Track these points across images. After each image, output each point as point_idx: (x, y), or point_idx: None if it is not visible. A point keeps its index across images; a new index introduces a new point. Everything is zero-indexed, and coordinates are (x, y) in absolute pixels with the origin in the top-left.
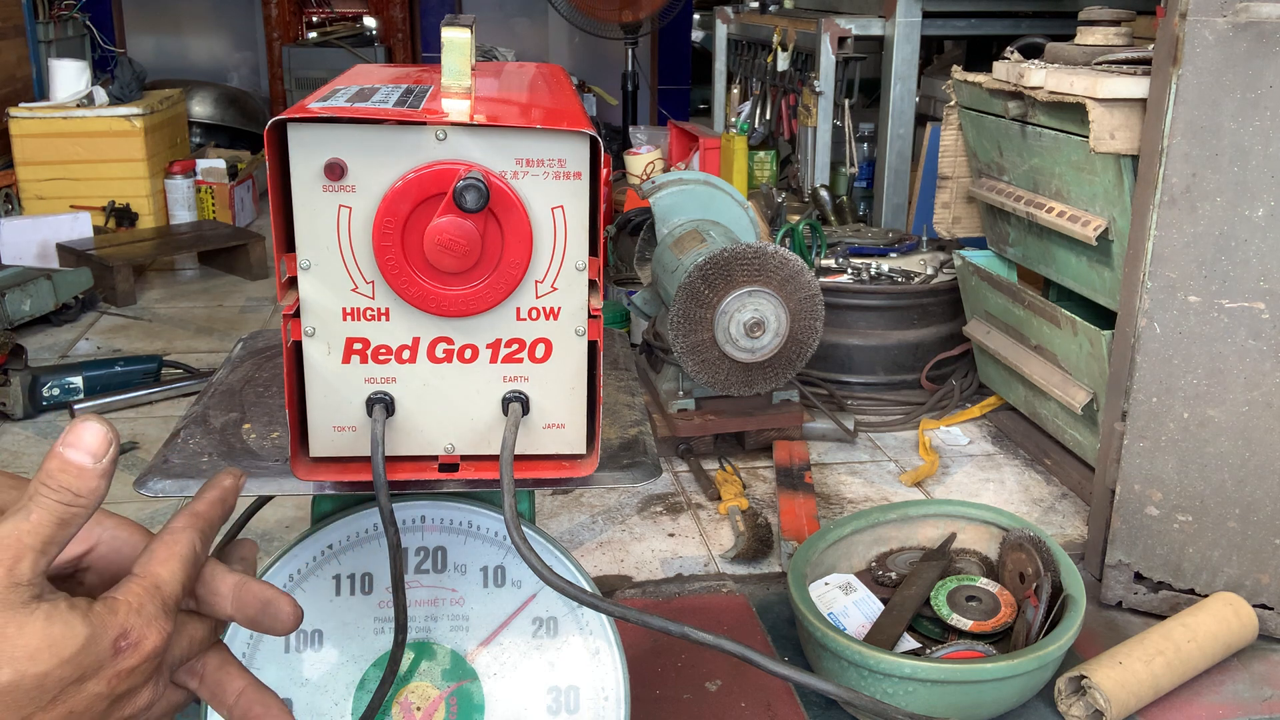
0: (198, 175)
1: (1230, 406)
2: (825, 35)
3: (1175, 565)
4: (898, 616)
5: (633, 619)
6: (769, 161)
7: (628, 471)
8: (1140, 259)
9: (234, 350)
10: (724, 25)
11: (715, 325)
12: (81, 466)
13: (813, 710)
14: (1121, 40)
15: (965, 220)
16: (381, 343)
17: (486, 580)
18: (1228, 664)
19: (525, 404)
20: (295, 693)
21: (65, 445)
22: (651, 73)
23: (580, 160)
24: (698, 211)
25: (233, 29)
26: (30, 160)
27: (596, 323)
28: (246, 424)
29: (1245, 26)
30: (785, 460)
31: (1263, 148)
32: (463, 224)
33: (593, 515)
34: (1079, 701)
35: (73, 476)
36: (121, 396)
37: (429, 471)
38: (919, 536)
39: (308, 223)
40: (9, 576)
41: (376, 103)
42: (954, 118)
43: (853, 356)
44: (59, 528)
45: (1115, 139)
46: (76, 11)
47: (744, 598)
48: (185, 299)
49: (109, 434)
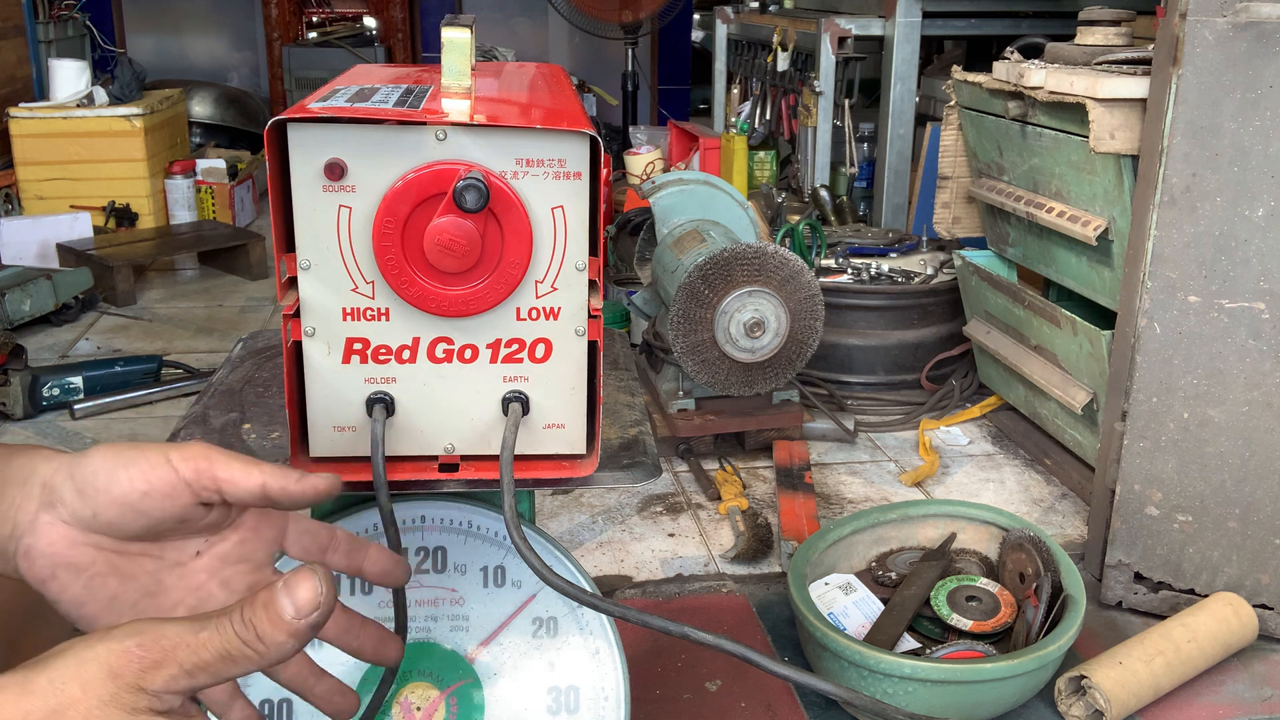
0: (198, 175)
1: (1230, 406)
2: (825, 35)
3: (1175, 565)
4: (898, 616)
5: (633, 619)
6: (769, 161)
7: (628, 471)
8: (1140, 259)
9: (234, 350)
10: (724, 25)
11: (715, 325)
12: (280, 613)
13: (813, 710)
14: (1121, 40)
15: (965, 220)
16: (381, 343)
17: (486, 580)
18: (1228, 664)
19: (525, 404)
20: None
21: (285, 584)
22: (651, 73)
23: (580, 160)
24: (698, 211)
25: (233, 29)
26: (30, 160)
27: (596, 323)
28: (246, 424)
29: (1245, 26)
30: (785, 460)
31: (1263, 148)
32: (463, 224)
33: (593, 515)
34: (1079, 701)
35: (267, 619)
36: (121, 396)
37: (429, 471)
38: (919, 536)
39: (308, 223)
40: (136, 678)
41: (376, 103)
42: (954, 118)
43: (853, 356)
44: (222, 661)
45: (1115, 139)
46: (76, 11)
47: (744, 598)
48: (185, 299)
49: (320, 598)
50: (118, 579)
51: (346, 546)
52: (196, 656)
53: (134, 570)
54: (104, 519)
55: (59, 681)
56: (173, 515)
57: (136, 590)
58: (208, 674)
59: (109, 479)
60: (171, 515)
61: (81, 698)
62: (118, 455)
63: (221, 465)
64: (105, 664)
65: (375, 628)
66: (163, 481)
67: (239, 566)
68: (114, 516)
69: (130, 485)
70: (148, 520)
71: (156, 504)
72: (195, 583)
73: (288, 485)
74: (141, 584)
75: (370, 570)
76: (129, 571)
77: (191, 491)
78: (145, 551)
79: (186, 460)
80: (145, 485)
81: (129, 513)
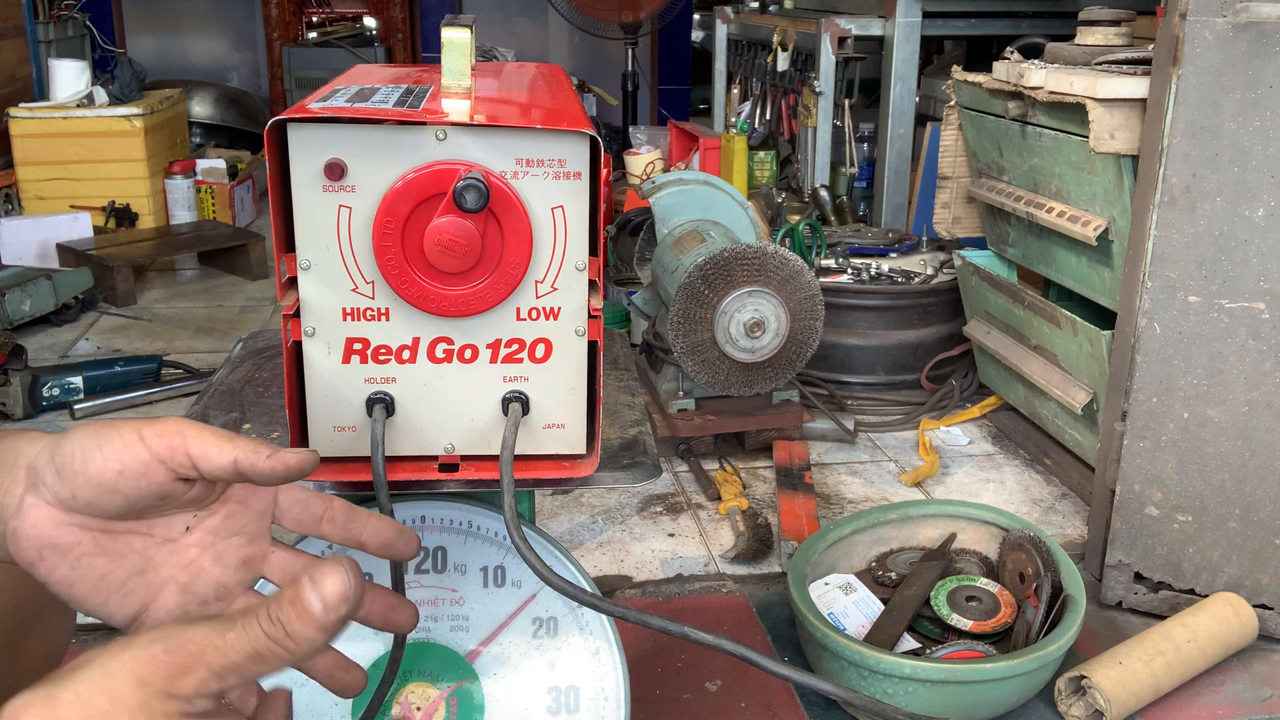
0: (198, 175)
1: (1230, 406)
2: (825, 35)
3: (1175, 565)
4: (898, 616)
5: (633, 619)
6: (769, 161)
7: (628, 471)
8: (1140, 259)
9: (234, 350)
10: (724, 25)
11: (715, 325)
12: (308, 609)
13: (813, 710)
14: (1121, 40)
15: (965, 220)
16: (381, 343)
17: (486, 580)
18: (1228, 664)
19: (525, 404)
20: (295, 692)
21: (310, 578)
22: (651, 73)
23: (580, 160)
24: (698, 211)
25: (233, 29)
26: (30, 160)
27: (596, 323)
28: (246, 424)
29: (1245, 26)
30: (785, 460)
31: (1263, 148)
32: (463, 224)
33: (593, 515)
34: (1079, 701)
35: (294, 616)
36: (121, 396)
37: (429, 471)
38: (919, 536)
39: (308, 223)
40: (166, 685)
41: (376, 103)
42: (954, 118)
43: (853, 356)
44: (251, 661)
45: (1115, 139)
46: (76, 11)
47: (744, 598)
48: (185, 299)
49: (348, 589)
50: (105, 558)
51: (343, 517)
52: (225, 658)
53: (122, 549)
54: (83, 499)
55: (85, 695)
56: (150, 493)
57: (126, 569)
58: (237, 674)
59: (84, 459)
60: (149, 493)
61: (110, 710)
62: (95, 435)
63: (195, 441)
64: (132, 673)
65: (383, 593)
66: (136, 460)
67: (232, 540)
68: (92, 496)
69: (104, 464)
70: (125, 499)
71: (132, 483)
72: (187, 559)
73: (257, 461)
74: (131, 562)
75: (371, 543)
76: (117, 550)
77: (166, 468)
78: (133, 529)
79: (160, 437)
80: (119, 464)
81: (106, 492)
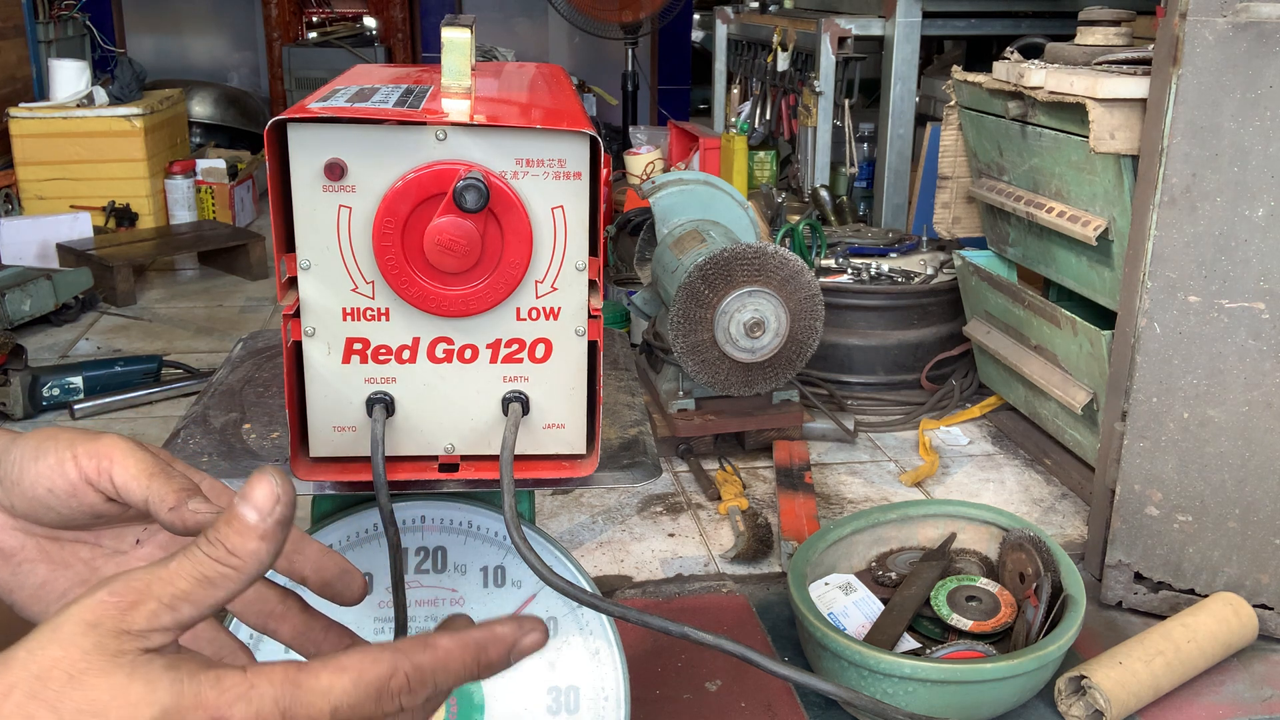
0: (198, 175)
1: (1230, 406)
2: (825, 35)
3: (1175, 565)
4: (898, 616)
5: (633, 619)
6: (769, 161)
7: (628, 471)
8: (1140, 259)
9: (234, 350)
10: (724, 25)
11: (715, 325)
12: (243, 522)
13: (813, 710)
14: (1121, 40)
15: (965, 220)
16: (381, 343)
17: (486, 580)
18: (1228, 664)
19: (525, 404)
20: None
21: (239, 496)
22: (651, 73)
23: (580, 160)
24: (698, 211)
25: (233, 29)
26: (30, 160)
27: (596, 323)
28: (246, 424)
29: (1245, 26)
30: (785, 460)
31: (1263, 148)
32: (463, 224)
33: (593, 515)
34: (1079, 701)
35: (233, 532)
36: (121, 396)
37: (429, 471)
38: (919, 536)
39: (308, 223)
40: (117, 623)
41: (376, 103)
42: (954, 118)
43: (853, 356)
44: (200, 585)
45: (1115, 139)
46: (76, 11)
47: (744, 598)
48: (185, 299)
49: (277, 490)
50: (48, 565)
51: (289, 547)
52: (173, 587)
53: (68, 558)
54: (20, 509)
55: (37, 648)
56: (82, 512)
57: (69, 578)
58: (190, 604)
59: (20, 471)
60: (81, 512)
61: (63, 656)
62: (35, 446)
63: (119, 468)
64: (80, 620)
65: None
66: (64, 479)
67: None
68: (27, 509)
69: (36, 480)
70: (59, 515)
71: (62, 500)
72: None
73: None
74: (75, 572)
75: (312, 579)
76: (62, 559)
77: (94, 490)
78: (81, 539)
79: (90, 458)
80: (49, 482)
81: (39, 507)
